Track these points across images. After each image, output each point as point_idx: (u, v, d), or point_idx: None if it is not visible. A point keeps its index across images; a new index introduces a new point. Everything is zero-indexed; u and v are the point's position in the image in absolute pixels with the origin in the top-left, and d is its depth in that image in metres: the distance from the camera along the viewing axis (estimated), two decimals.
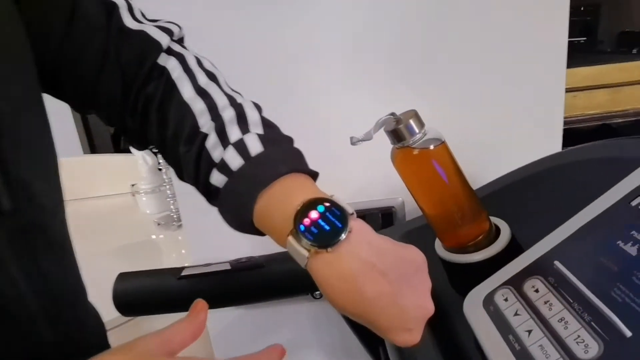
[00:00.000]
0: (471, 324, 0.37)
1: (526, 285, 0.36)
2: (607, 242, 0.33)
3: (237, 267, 0.59)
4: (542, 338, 0.31)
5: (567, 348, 0.30)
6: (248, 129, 0.36)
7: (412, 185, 0.42)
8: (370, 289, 0.30)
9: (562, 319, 0.31)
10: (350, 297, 0.30)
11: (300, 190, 0.33)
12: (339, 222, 0.31)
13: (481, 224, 0.43)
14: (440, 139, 0.40)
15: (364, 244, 0.31)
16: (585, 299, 0.31)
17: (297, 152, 0.36)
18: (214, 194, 0.36)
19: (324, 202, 0.31)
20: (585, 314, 0.31)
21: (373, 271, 0.30)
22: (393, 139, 0.40)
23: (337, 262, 0.30)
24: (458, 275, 0.45)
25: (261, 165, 0.33)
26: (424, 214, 0.44)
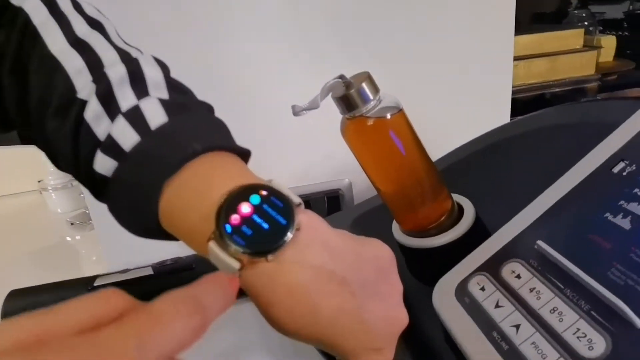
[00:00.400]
0: (444, 319, 0.31)
1: (504, 271, 0.31)
2: (593, 216, 0.29)
3: (161, 271, 0.50)
4: (534, 334, 0.26)
5: (566, 345, 0.25)
6: (146, 92, 0.26)
7: (365, 160, 0.36)
8: (328, 305, 0.23)
9: (554, 309, 0.27)
10: (302, 319, 0.23)
11: (223, 175, 0.24)
12: (281, 216, 0.23)
13: (443, 202, 0.38)
14: (397, 106, 0.34)
15: (318, 245, 0.24)
16: (580, 284, 0.27)
17: (219, 122, 0.27)
18: (100, 185, 0.27)
19: (260, 189, 0.23)
20: (581, 301, 0.26)
21: (331, 282, 0.23)
22: (343, 107, 0.33)
23: (281, 273, 0.23)
24: (420, 262, 0.40)
25: (166, 141, 0.24)
26: (380, 193, 0.38)
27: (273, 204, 0.23)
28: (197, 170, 0.24)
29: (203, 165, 0.24)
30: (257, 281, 0.23)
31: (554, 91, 0.81)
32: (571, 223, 0.30)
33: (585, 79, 0.83)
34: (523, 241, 0.31)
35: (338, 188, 0.58)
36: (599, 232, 0.28)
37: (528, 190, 0.36)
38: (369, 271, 0.25)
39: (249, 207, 0.23)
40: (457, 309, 0.31)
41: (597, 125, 0.38)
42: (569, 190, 0.32)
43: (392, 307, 0.26)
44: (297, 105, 0.32)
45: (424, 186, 0.36)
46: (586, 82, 0.83)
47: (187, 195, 0.24)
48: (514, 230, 0.32)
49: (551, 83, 0.80)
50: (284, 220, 0.23)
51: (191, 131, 0.25)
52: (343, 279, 0.24)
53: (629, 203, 0.28)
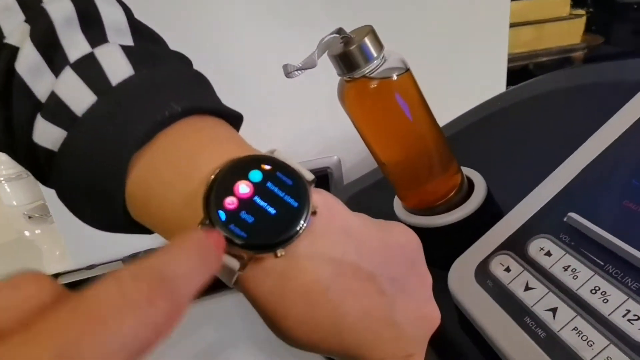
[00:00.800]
0: (464, 306, 0.28)
1: (531, 248, 0.27)
2: (628, 182, 0.26)
3: None
4: (575, 318, 0.23)
5: (615, 329, 0.22)
6: (104, 37, 0.20)
7: (367, 129, 0.31)
8: (354, 309, 0.19)
9: (596, 289, 0.23)
10: (321, 329, 0.18)
11: (212, 144, 0.19)
12: (292, 197, 0.18)
13: (453, 175, 0.34)
14: (404, 65, 0.30)
15: (338, 233, 0.19)
16: (624, 259, 0.23)
17: (201, 77, 0.22)
18: (44, 164, 0.20)
19: (261, 163, 0.18)
20: (628, 278, 0.23)
21: (356, 279, 0.19)
22: (341, 67, 0.29)
23: (295, 272, 0.18)
24: (428, 242, 0.36)
25: (133, 101, 0.18)
26: (381, 166, 0.34)
27: (280, 181, 0.18)
28: (175, 139, 0.19)
29: (184, 131, 0.19)
30: (262, 284, 0.18)
31: (541, 60, 0.78)
32: (605, 192, 0.27)
33: (572, 48, 0.82)
34: (550, 214, 0.28)
35: (326, 166, 0.53)
36: (637, 200, 0.25)
37: (543, 160, 0.33)
38: (397, 262, 0.21)
39: (248, 186, 0.18)
40: (479, 293, 0.27)
41: (616, 86, 0.34)
42: (597, 155, 0.29)
43: (424, 304, 0.22)
44: (289, 64, 0.27)
45: (432, 157, 0.32)
46: (573, 50, 0.82)
47: (164, 173, 0.18)
48: (537, 202, 0.29)
49: (538, 52, 0.78)
50: (296, 202, 0.18)
51: (166, 87, 0.19)
52: (370, 274, 0.19)
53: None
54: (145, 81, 0.19)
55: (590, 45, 1.09)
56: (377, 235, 0.21)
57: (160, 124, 0.18)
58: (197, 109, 0.19)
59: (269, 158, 0.19)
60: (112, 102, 0.18)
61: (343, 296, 0.18)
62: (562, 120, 0.36)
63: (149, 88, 0.19)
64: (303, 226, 0.18)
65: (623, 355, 0.21)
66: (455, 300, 0.29)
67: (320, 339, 0.18)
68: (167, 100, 0.18)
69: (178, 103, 0.19)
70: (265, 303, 0.18)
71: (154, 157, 0.18)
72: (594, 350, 0.22)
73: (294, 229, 0.18)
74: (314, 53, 0.27)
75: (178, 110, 0.18)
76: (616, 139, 0.28)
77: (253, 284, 0.18)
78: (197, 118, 0.19)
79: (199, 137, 0.19)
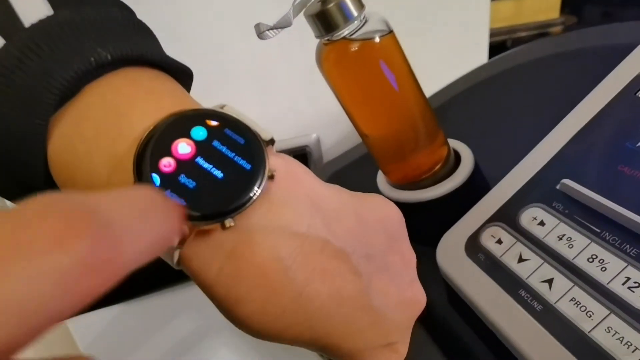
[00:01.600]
0: (455, 282, 0.26)
1: (524, 218, 0.26)
2: (623, 147, 0.25)
3: None
4: (572, 288, 0.22)
5: (615, 298, 0.20)
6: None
7: (348, 96, 0.29)
8: (321, 291, 0.16)
9: (593, 257, 0.22)
10: (282, 316, 0.16)
11: (148, 98, 0.16)
12: (243, 158, 0.15)
13: (439, 147, 0.32)
14: (387, 27, 0.28)
15: (302, 202, 0.16)
16: (621, 224, 0.22)
17: (141, 26, 0.19)
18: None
19: (206, 118, 0.16)
20: (626, 245, 0.22)
21: (324, 255, 0.16)
22: (319, 28, 0.26)
23: (247, 248, 0.15)
24: (414, 218, 0.35)
25: (49, 45, 0.15)
26: (364, 138, 0.32)
27: (229, 139, 0.15)
28: (104, 92, 0.15)
29: (115, 83, 0.16)
30: (210, 264, 0.15)
31: (520, 36, 0.78)
32: (599, 157, 0.25)
33: (550, 23, 0.81)
34: (542, 182, 0.27)
35: (305, 145, 0.51)
36: (634, 165, 0.24)
37: (530, 129, 0.32)
38: (375, 238, 0.18)
39: (189, 145, 0.15)
40: (470, 267, 0.26)
41: (601, 51, 0.33)
42: (589, 120, 0.27)
43: (406, 286, 0.19)
44: (262, 23, 0.24)
45: (418, 127, 0.31)
46: (551, 25, 0.81)
47: (88, 132, 0.15)
48: (529, 171, 0.28)
49: (517, 27, 0.77)
50: (248, 163, 0.15)
51: (93, 30, 0.16)
52: (341, 251, 0.17)
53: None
54: (67, 23, 0.16)
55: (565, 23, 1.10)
56: (351, 207, 0.18)
57: (85, 74, 0.15)
58: (132, 58, 0.16)
59: (217, 113, 0.16)
60: (23, 46, 0.15)
61: (308, 276, 0.16)
62: (547, 87, 0.35)
63: (71, 30, 0.15)
64: (257, 192, 0.15)
65: (624, 324, 0.20)
66: (445, 276, 0.27)
67: (286, 327, 0.16)
68: (92, 45, 0.15)
69: (105, 48, 0.15)
70: (215, 287, 0.15)
71: (78, 114, 0.15)
72: (593, 320, 0.20)
73: (246, 195, 0.15)
74: (288, 11, 0.24)
75: (107, 57, 0.15)
76: (607, 102, 0.27)
77: (199, 264, 0.15)
78: (133, 69, 0.16)
79: (133, 89, 0.16)
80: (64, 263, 0.07)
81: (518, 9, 0.74)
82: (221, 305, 0.16)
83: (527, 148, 0.30)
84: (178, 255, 0.15)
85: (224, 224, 0.15)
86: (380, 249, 0.19)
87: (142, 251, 0.10)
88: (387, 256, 0.19)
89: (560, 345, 0.21)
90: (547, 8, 0.80)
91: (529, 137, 0.30)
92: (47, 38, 0.15)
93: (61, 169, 0.16)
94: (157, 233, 0.10)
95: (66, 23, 0.16)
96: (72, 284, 0.07)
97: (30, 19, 0.16)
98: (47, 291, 0.07)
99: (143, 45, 0.17)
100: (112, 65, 0.16)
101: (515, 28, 0.76)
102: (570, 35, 0.37)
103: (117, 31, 0.17)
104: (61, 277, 0.07)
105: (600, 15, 1.25)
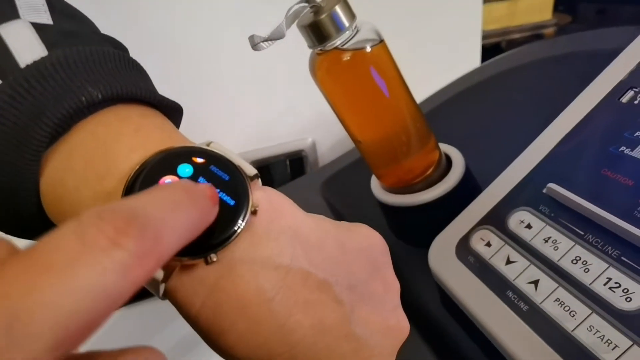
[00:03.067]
0: (445, 283, 0.27)
1: (512, 221, 0.27)
2: (607, 152, 0.26)
3: None
4: (557, 289, 0.23)
5: (597, 298, 0.21)
6: (14, 13, 0.17)
7: (341, 104, 0.30)
8: (304, 322, 0.16)
9: (577, 259, 0.23)
10: (264, 346, 0.16)
11: (137, 135, 0.17)
12: (228, 195, 0.16)
13: (431, 152, 0.33)
14: (378, 37, 0.28)
15: (284, 234, 0.17)
16: (604, 227, 0.23)
17: (133, 63, 0.19)
18: None
19: (193, 155, 0.16)
20: (608, 247, 0.23)
21: (306, 287, 0.17)
22: (312, 38, 0.27)
23: (230, 281, 0.15)
24: (406, 221, 0.36)
25: (42, 85, 0.16)
26: (357, 144, 0.33)
27: (214, 176, 0.16)
28: (95, 129, 0.16)
29: (104, 121, 0.16)
30: (194, 297, 0.15)
31: (513, 37, 0.79)
32: (583, 162, 0.26)
33: (543, 24, 0.82)
34: (529, 186, 0.28)
35: (301, 149, 0.52)
36: (617, 169, 0.24)
37: (521, 133, 0.33)
38: (358, 267, 0.19)
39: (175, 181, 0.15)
40: (460, 270, 0.27)
41: (590, 56, 0.34)
42: (574, 126, 0.28)
43: (389, 314, 0.19)
44: (255, 35, 0.25)
45: (410, 132, 0.31)
46: (544, 26, 0.82)
47: (79, 167, 0.16)
48: (516, 175, 0.29)
49: (510, 29, 0.78)
50: (232, 200, 0.16)
51: (85, 69, 0.16)
52: (324, 282, 0.17)
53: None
54: (60, 62, 0.16)
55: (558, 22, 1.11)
56: (333, 238, 0.18)
57: (77, 112, 0.16)
58: (123, 96, 0.17)
59: (203, 150, 0.16)
60: (17, 86, 0.16)
61: (290, 308, 0.16)
62: (538, 92, 0.35)
63: (63, 70, 0.16)
64: (241, 226, 0.15)
65: (605, 323, 0.20)
66: (437, 278, 0.28)
67: (268, 357, 0.16)
68: (83, 83, 0.16)
69: (97, 87, 0.16)
70: (198, 319, 0.16)
71: (69, 150, 0.16)
72: (576, 320, 0.21)
73: (230, 230, 0.15)
74: (281, 23, 0.25)
75: (98, 96, 0.16)
76: (592, 108, 0.28)
77: (183, 298, 0.16)
78: (123, 106, 0.17)
79: (122, 126, 0.16)
80: (123, 257, 0.09)
81: (511, 10, 0.75)
82: (205, 337, 0.16)
83: (517, 151, 0.31)
84: (164, 289, 0.16)
85: (208, 259, 0.15)
86: (363, 277, 0.19)
87: (181, 235, 0.11)
88: (370, 284, 0.19)
89: (544, 344, 0.22)
90: (540, 9, 0.80)
91: (519, 141, 0.31)
92: (40, 77, 0.16)
93: (52, 203, 0.17)
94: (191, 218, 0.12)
95: (59, 63, 0.16)
96: (129, 272, 0.09)
97: (26, 59, 0.16)
98: (112, 279, 0.09)
99: (134, 83, 0.18)
100: (103, 103, 0.17)
101: (508, 30, 0.77)
102: (561, 40, 0.38)
103: (109, 69, 0.17)
104: (122, 268, 0.09)
105: (594, 13, 1.26)
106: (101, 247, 0.09)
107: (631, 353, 0.19)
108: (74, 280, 0.09)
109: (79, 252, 0.09)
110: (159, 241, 0.10)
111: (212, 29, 0.49)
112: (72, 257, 0.09)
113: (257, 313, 0.16)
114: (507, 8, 0.76)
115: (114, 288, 0.09)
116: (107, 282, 0.09)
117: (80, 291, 0.09)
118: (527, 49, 0.39)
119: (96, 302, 0.09)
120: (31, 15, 0.18)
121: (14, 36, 0.17)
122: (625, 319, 0.20)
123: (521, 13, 0.77)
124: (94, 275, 0.09)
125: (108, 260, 0.09)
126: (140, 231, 0.10)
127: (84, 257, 0.09)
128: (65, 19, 0.19)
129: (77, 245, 0.09)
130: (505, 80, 0.38)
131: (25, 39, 0.17)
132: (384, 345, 0.19)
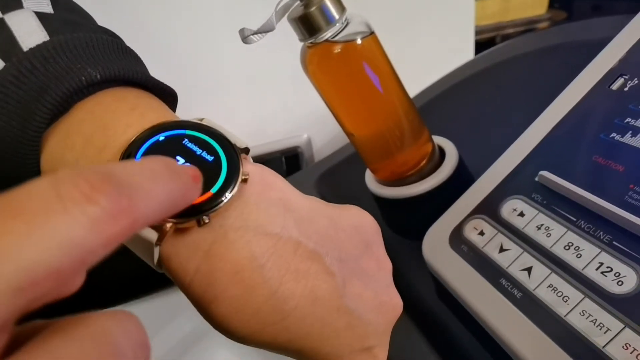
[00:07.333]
0: (439, 273, 0.27)
1: (504, 210, 0.27)
2: (598, 138, 0.26)
3: None
4: (550, 275, 0.23)
5: (590, 283, 0.21)
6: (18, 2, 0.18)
7: (333, 97, 0.30)
8: (295, 291, 0.16)
9: (569, 245, 0.23)
10: (256, 316, 0.16)
11: (132, 113, 0.17)
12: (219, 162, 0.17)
13: (424, 144, 0.33)
14: (368, 29, 0.28)
15: (275, 205, 0.17)
16: (595, 213, 0.23)
17: (129, 50, 0.20)
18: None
19: (184, 127, 0.17)
20: (599, 232, 0.23)
21: (297, 256, 0.17)
22: (302, 31, 0.27)
23: (222, 245, 0.16)
24: (400, 213, 0.36)
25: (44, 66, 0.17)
26: (350, 137, 0.33)
27: (205, 143, 0.17)
28: (93, 109, 0.17)
29: (103, 101, 0.17)
30: (188, 263, 0.16)
31: (507, 32, 0.79)
32: (575, 149, 0.26)
33: (537, 19, 0.82)
34: (521, 175, 0.28)
35: (296, 145, 0.52)
36: (608, 155, 0.25)
37: (513, 124, 0.33)
38: (349, 243, 0.19)
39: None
40: (454, 259, 0.27)
41: (579, 46, 0.34)
42: (565, 114, 0.28)
43: (382, 291, 0.20)
44: (246, 28, 0.25)
45: (402, 125, 0.31)
46: (538, 21, 0.82)
47: (79, 143, 0.17)
48: (509, 164, 0.29)
49: (504, 24, 0.78)
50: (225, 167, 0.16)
51: (84, 53, 0.17)
52: (314, 252, 0.17)
53: (636, 120, 0.25)
54: (62, 46, 0.17)
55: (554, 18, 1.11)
56: (325, 215, 0.19)
57: (77, 92, 0.17)
58: (120, 79, 0.18)
59: (195, 123, 0.17)
60: (21, 67, 0.16)
61: (282, 276, 0.16)
62: (530, 83, 0.36)
63: (64, 53, 0.17)
64: (233, 190, 0.16)
65: (598, 307, 0.20)
66: (431, 268, 0.28)
67: (261, 328, 0.16)
68: (83, 65, 0.17)
69: (96, 69, 0.17)
70: (192, 286, 0.16)
71: (69, 128, 0.17)
72: (569, 305, 0.21)
73: (220, 198, 0.16)
74: (272, 16, 0.25)
75: (96, 76, 0.17)
76: (583, 96, 0.28)
77: (177, 264, 0.16)
78: (120, 88, 0.18)
79: (119, 105, 0.17)
80: (94, 211, 0.09)
81: (505, 6, 0.75)
82: (198, 305, 0.16)
83: (509, 142, 0.31)
84: (158, 255, 0.16)
85: (200, 220, 0.15)
86: (355, 253, 0.19)
87: (160, 204, 0.11)
88: (362, 261, 0.19)
89: (538, 329, 0.22)
90: (534, 4, 0.81)
91: (512, 131, 0.31)
92: (42, 59, 0.17)
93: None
94: (168, 191, 0.12)
95: (60, 47, 0.17)
96: (100, 227, 0.09)
97: (29, 44, 0.17)
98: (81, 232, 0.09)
99: (130, 67, 0.18)
100: (101, 84, 0.17)
101: (502, 25, 0.77)
102: (552, 31, 0.38)
103: (106, 54, 0.18)
104: (92, 222, 0.09)
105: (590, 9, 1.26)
106: (74, 200, 0.09)
107: (623, 336, 0.19)
108: (43, 228, 0.09)
109: (51, 202, 0.09)
110: (133, 202, 0.10)
111: (208, 27, 0.49)
112: (44, 207, 0.09)
113: (249, 279, 0.16)
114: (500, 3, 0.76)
115: (84, 241, 0.09)
116: (76, 234, 0.09)
117: (48, 239, 0.09)
118: (519, 41, 0.40)
119: (64, 252, 0.09)
120: (33, 4, 0.19)
121: (19, 23, 0.18)
122: (616, 302, 0.20)
123: (515, 8, 0.77)
124: (64, 226, 0.09)
125: (79, 213, 0.09)
126: (115, 189, 0.10)
127: (56, 206, 0.09)
128: (67, 12, 0.20)
129: (51, 196, 0.09)
130: (497, 72, 0.39)
131: (29, 26, 0.18)
132: (378, 322, 0.19)
